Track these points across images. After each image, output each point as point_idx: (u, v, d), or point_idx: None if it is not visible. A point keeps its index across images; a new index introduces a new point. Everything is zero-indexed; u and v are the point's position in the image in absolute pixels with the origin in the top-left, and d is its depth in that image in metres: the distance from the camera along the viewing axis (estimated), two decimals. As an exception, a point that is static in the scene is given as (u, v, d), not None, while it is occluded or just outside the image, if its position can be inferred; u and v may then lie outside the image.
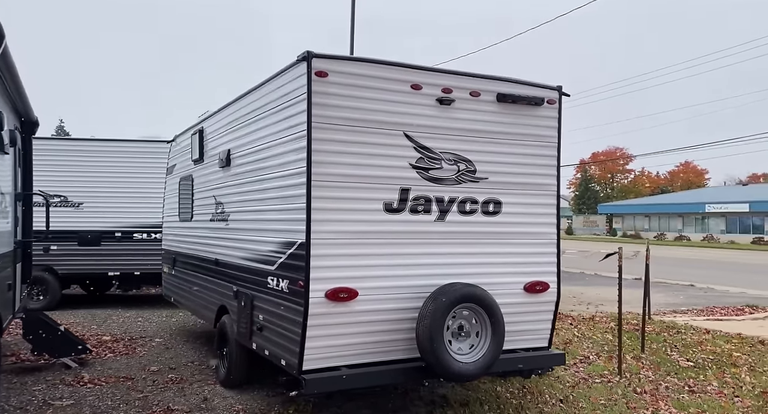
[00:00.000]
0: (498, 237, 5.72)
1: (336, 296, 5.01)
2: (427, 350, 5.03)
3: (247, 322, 6.07)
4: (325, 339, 5.03)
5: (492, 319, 5.31)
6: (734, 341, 9.20)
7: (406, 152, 5.33)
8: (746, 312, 12.88)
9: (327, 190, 4.99)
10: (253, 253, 6.07)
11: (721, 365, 7.81)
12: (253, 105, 6.12)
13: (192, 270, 8.32)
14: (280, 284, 5.41)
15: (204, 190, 7.83)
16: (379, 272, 5.22)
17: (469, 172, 5.58)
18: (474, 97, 5.57)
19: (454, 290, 5.18)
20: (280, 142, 5.37)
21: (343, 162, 5.07)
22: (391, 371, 5.24)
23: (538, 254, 5.90)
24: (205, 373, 7.39)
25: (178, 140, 9.43)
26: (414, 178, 5.37)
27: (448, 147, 5.49)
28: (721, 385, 6.94)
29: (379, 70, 5.20)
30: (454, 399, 6.26)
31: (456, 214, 5.54)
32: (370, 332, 5.21)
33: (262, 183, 5.83)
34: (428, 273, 5.38)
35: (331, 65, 5.01)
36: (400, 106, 5.29)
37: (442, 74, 5.47)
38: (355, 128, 5.10)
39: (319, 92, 4.95)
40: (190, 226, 8.49)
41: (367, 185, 5.17)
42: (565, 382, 6.90)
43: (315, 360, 5.03)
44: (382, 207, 5.25)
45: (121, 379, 7.12)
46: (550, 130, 5.94)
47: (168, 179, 9.94)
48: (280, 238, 5.45)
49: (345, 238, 5.09)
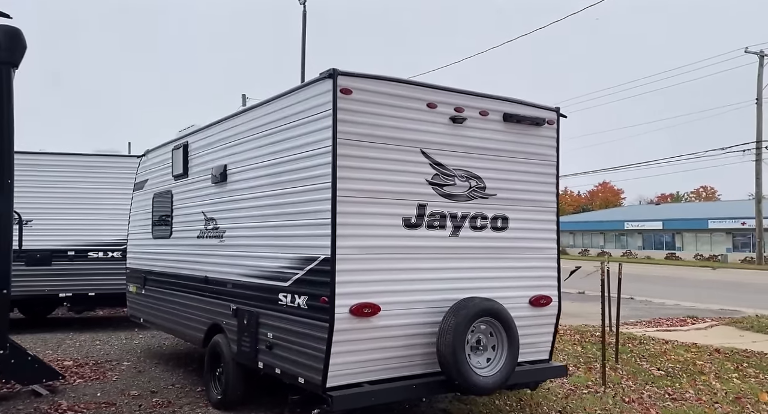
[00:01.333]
0: (506, 252, 5.89)
1: (360, 312, 5.01)
2: (449, 364, 5.09)
3: (251, 341, 5.95)
4: (348, 355, 5.01)
5: (508, 333, 5.44)
6: (693, 350, 9.73)
7: (422, 169, 5.43)
8: (689, 323, 13.61)
9: (351, 205, 5.02)
10: (257, 270, 5.98)
11: (690, 373, 8.25)
12: (258, 120, 6.07)
13: (170, 289, 8.05)
14: (296, 300, 5.35)
15: (188, 206, 7.63)
16: (400, 287, 5.26)
17: (479, 188, 5.74)
18: (483, 117, 5.75)
19: (474, 305, 5.28)
20: (300, 157, 5.34)
21: (366, 178, 5.11)
22: (412, 386, 5.27)
23: (541, 268, 6.10)
24: (191, 396, 7.14)
25: (150, 155, 9.15)
26: (430, 194, 5.47)
27: (460, 164, 5.63)
28: (697, 393, 7.33)
29: (398, 88, 5.29)
30: (458, 412, 6.33)
31: (468, 230, 5.67)
32: (391, 347, 5.23)
33: (272, 198, 5.76)
34: (445, 287, 5.47)
35: (355, 83, 5.06)
36: (417, 123, 5.39)
37: (455, 94, 5.62)
38: (376, 145, 5.16)
39: (345, 109, 4.99)
40: (169, 244, 8.23)
41: (387, 201, 5.23)
42: (556, 393, 7.10)
43: (339, 376, 5.00)
44: (402, 222, 5.31)
45: (103, 405, 6.78)
46: (550, 149, 6.18)
47: (137, 195, 9.60)
48: (295, 253, 5.40)
49: (367, 253, 5.11)
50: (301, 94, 5.37)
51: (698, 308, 16.37)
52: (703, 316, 14.64)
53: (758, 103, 42.52)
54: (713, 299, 18.73)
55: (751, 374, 8.29)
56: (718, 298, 18.96)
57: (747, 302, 17.78)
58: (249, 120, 6.28)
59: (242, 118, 6.43)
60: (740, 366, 8.74)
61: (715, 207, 64.14)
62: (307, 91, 5.30)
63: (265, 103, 6.00)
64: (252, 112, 6.24)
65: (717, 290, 22.39)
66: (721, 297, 19.51)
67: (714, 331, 12.31)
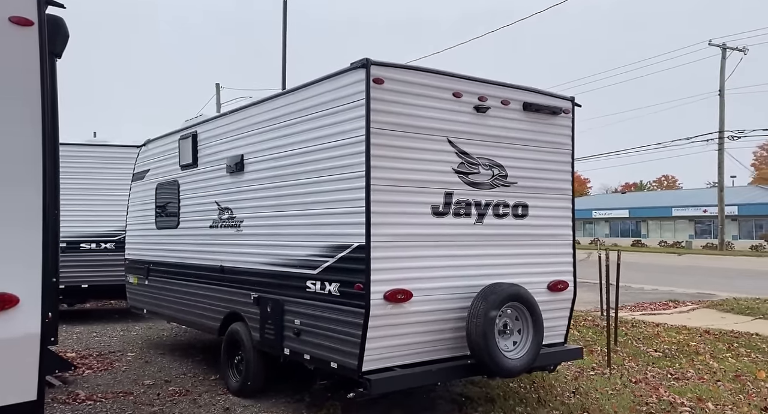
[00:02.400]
0: (526, 239, 6.05)
1: (394, 297, 5.12)
2: (480, 348, 5.24)
3: (276, 328, 6.01)
4: (382, 340, 5.12)
5: (533, 317, 5.62)
6: (684, 332, 10.10)
7: (449, 157, 5.54)
8: (671, 306, 14.06)
9: (384, 194, 5.11)
10: (282, 259, 6.03)
11: (686, 354, 8.58)
12: (281, 110, 6.09)
13: (180, 279, 8.03)
14: (327, 288, 5.43)
15: (199, 196, 7.61)
16: (430, 274, 5.38)
17: (501, 176, 5.88)
18: (504, 106, 5.88)
19: (502, 290, 5.43)
20: (331, 146, 5.40)
21: (397, 167, 5.21)
22: (442, 369, 5.41)
23: (558, 255, 6.28)
24: (207, 384, 7.17)
25: (151, 145, 9.07)
26: (456, 183, 5.58)
27: (484, 153, 5.76)
28: (697, 372, 7.65)
29: (426, 77, 5.39)
30: (476, 396, 6.50)
31: (491, 217, 5.81)
32: (422, 332, 5.36)
33: (298, 187, 5.81)
34: (471, 274, 5.61)
35: (387, 72, 5.14)
36: (444, 113, 5.50)
37: (479, 83, 5.74)
38: (406, 134, 5.25)
39: (377, 99, 5.07)
40: (176, 234, 8.20)
41: (417, 189, 5.33)
42: (565, 376, 7.33)
43: (373, 361, 5.11)
44: (430, 210, 5.42)
45: (120, 395, 6.78)
46: (565, 137, 6.35)
47: (136, 185, 9.51)
48: (325, 241, 5.47)
49: (399, 240, 5.22)
50: (332, 83, 5.42)
51: (676, 292, 16.88)
52: (682, 299, 15.12)
53: (721, 94, 43.63)
54: (687, 284, 19.32)
55: (743, 353, 8.66)
56: (691, 283, 19.56)
57: (719, 286, 18.40)
58: (269, 110, 6.29)
59: (261, 108, 6.44)
60: (731, 346, 9.11)
61: (679, 195, 65.75)
62: (338, 81, 5.35)
63: (288, 92, 6.03)
64: (273, 101, 6.25)
65: (687, 275, 23.07)
66: (693, 282, 20.13)
67: (696, 314, 12.75)
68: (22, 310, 3.55)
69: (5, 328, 3.50)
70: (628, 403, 6.26)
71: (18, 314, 3.55)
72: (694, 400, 6.41)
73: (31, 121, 3.68)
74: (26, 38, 3.72)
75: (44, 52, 3.79)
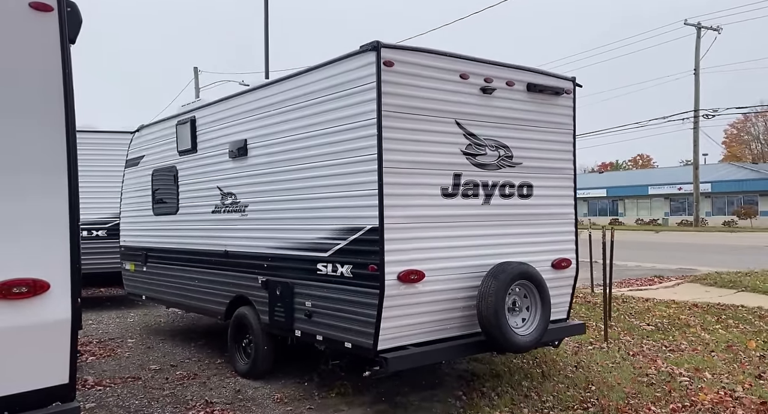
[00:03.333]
0: (531, 218, 6.16)
1: (407, 278, 5.21)
2: (492, 325, 5.36)
3: (286, 311, 6.07)
4: (396, 319, 5.22)
5: (541, 294, 5.75)
6: (673, 306, 10.37)
7: (457, 139, 5.61)
8: (656, 282, 14.39)
9: (395, 176, 5.17)
10: (291, 242, 6.08)
11: (678, 327, 8.84)
12: (287, 94, 6.09)
13: (180, 264, 8.04)
14: (339, 270, 5.50)
15: (199, 181, 7.59)
16: (440, 254, 5.48)
17: (507, 157, 5.97)
18: (509, 87, 5.96)
19: (512, 268, 5.55)
20: (341, 130, 5.43)
21: (408, 149, 5.27)
22: (454, 347, 5.54)
23: (561, 233, 6.42)
24: (213, 368, 7.23)
25: (146, 131, 9.00)
26: (464, 164, 5.66)
27: (490, 134, 5.84)
28: (690, 344, 7.89)
29: (434, 59, 5.43)
30: (482, 372, 6.65)
31: (498, 198, 5.91)
32: (434, 311, 5.46)
33: (307, 171, 5.84)
34: (480, 253, 5.71)
35: (397, 55, 5.18)
36: (451, 94, 5.56)
37: (485, 64, 5.80)
38: (416, 116, 5.31)
39: (388, 81, 5.11)
40: (175, 220, 8.18)
41: (426, 171, 5.40)
42: (565, 350, 7.51)
43: (388, 340, 5.21)
44: (440, 192, 5.50)
45: (129, 380, 6.81)
46: (567, 118, 6.46)
47: (130, 171, 9.44)
48: (336, 224, 5.53)
49: (411, 222, 5.30)
50: (341, 66, 5.44)
51: (659, 268, 17.27)
52: (666, 275, 15.47)
53: (696, 73, 44.24)
54: (668, 260, 19.75)
55: (731, 325, 8.94)
56: (671, 259, 20.00)
57: (698, 261, 18.86)
58: (275, 94, 6.28)
59: (266, 92, 6.43)
60: (720, 318, 9.40)
61: (654, 174, 66.78)
62: (347, 64, 5.37)
63: (295, 76, 6.02)
64: (279, 85, 6.24)
65: (667, 251, 23.58)
66: (673, 257, 20.58)
67: (681, 289, 13.08)
68: (52, 296, 3.58)
69: (37, 314, 3.53)
70: (629, 374, 6.46)
71: (49, 300, 3.57)
72: (692, 370, 6.63)
73: (55, 109, 3.67)
74: (46, 24, 3.70)
75: (64, 38, 3.78)
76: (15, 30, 3.54)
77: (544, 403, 5.66)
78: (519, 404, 5.62)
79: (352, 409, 5.77)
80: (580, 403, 5.59)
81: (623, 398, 5.69)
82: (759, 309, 9.87)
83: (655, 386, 6.06)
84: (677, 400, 5.64)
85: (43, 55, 3.66)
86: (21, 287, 3.46)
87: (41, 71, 3.64)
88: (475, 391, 6.07)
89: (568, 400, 5.69)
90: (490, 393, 5.98)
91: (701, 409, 5.38)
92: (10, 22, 3.53)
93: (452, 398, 5.93)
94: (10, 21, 3.53)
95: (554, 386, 6.11)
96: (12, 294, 3.43)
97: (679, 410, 5.38)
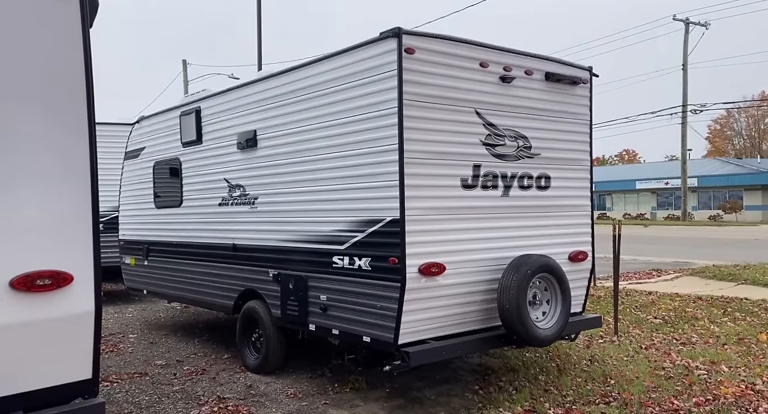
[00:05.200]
0: (549, 210, 6.07)
1: (428, 271, 5.10)
2: (514, 319, 5.26)
3: (300, 304, 5.94)
4: (417, 313, 5.11)
5: (562, 287, 5.67)
6: (678, 300, 10.36)
7: (477, 129, 5.50)
8: (655, 275, 14.40)
9: (416, 167, 5.05)
10: (304, 235, 5.94)
11: (686, 320, 8.81)
12: (300, 83, 5.94)
13: (185, 258, 7.86)
14: (356, 263, 5.38)
15: (205, 173, 7.43)
16: (461, 246, 5.37)
17: (525, 148, 5.87)
18: (528, 76, 5.85)
19: (533, 261, 5.45)
20: (360, 119, 5.30)
21: (428, 139, 5.15)
22: (474, 341, 5.44)
23: (578, 225, 6.34)
24: (221, 363, 7.09)
25: (146, 122, 8.79)
26: (484, 155, 5.55)
27: (509, 124, 5.73)
28: (700, 336, 7.86)
29: (455, 47, 5.31)
30: (496, 367, 6.57)
31: (517, 189, 5.81)
32: (454, 304, 5.36)
33: (321, 162, 5.70)
34: (500, 246, 5.62)
35: (418, 42, 5.05)
36: (471, 83, 5.44)
37: (504, 53, 5.68)
38: (436, 105, 5.19)
39: (409, 69, 4.99)
40: (179, 213, 8.01)
41: (447, 162, 5.29)
42: (577, 344, 7.45)
43: (409, 334, 5.10)
44: (460, 183, 5.39)
45: (136, 376, 6.65)
46: (584, 108, 6.37)
47: (130, 164, 9.23)
48: (353, 216, 5.40)
49: (432, 213, 5.18)
50: (360, 53, 5.30)
51: (655, 262, 17.30)
52: (664, 268, 15.50)
53: (684, 68, 44.46)
54: (662, 253, 19.81)
55: (739, 317, 8.93)
56: (665, 252, 20.06)
57: (691, 254, 18.95)
58: (287, 83, 6.12)
59: (277, 82, 6.27)
60: (726, 311, 9.39)
61: (641, 169, 67.10)
62: (367, 51, 5.23)
63: (310, 64, 5.87)
64: (291, 74, 6.08)
65: (659, 245, 23.66)
66: (666, 251, 20.66)
67: (681, 282, 13.09)
68: (76, 289, 3.44)
69: (61, 307, 3.39)
70: (645, 368, 6.40)
71: (73, 293, 3.43)
72: (707, 363, 6.59)
73: (78, 100, 3.51)
74: (68, 9, 3.53)
75: (86, 24, 3.62)
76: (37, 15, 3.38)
77: (565, 397, 5.58)
78: (539, 399, 5.54)
79: (368, 404, 5.66)
80: (602, 397, 5.52)
81: (644, 392, 5.63)
82: (763, 301, 9.88)
83: (674, 379, 6.01)
84: (699, 393, 5.58)
85: (66, 42, 3.50)
86: (44, 279, 3.31)
87: (64, 59, 3.48)
88: (492, 385, 5.99)
89: (588, 394, 5.62)
90: (508, 387, 5.90)
91: (725, 403, 5.32)
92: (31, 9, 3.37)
93: (469, 393, 5.84)
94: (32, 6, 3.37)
95: (572, 380, 6.04)
96: (35, 286, 3.29)
97: (702, 404, 5.32)
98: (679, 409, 5.21)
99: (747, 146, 76.51)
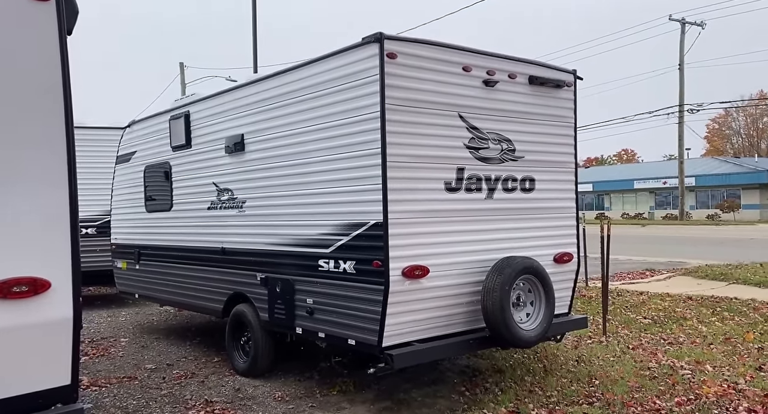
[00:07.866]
0: (533, 212, 6.11)
1: (412, 274, 5.14)
2: (498, 321, 5.30)
3: (287, 308, 5.98)
4: (401, 316, 5.15)
5: (546, 289, 5.71)
6: (668, 299, 10.40)
7: (460, 133, 5.54)
8: (648, 275, 14.44)
9: (399, 170, 5.10)
10: (291, 239, 5.98)
11: (675, 320, 8.86)
12: (285, 88, 5.99)
13: (175, 262, 7.91)
14: (341, 266, 5.42)
15: (193, 177, 7.47)
16: (445, 249, 5.41)
17: (509, 151, 5.91)
18: (511, 80, 5.89)
19: (517, 263, 5.49)
20: (343, 123, 5.34)
21: (411, 143, 5.19)
22: (459, 343, 5.48)
23: (563, 227, 6.38)
24: (211, 367, 7.12)
25: (137, 126, 8.84)
26: (467, 158, 5.60)
27: (492, 127, 5.77)
28: (688, 336, 7.90)
29: (437, 52, 5.35)
30: (483, 368, 6.60)
31: (501, 192, 5.85)
32: (438, 307, 5.40)
33: (307, 166, 5.75)
34: (484, 248, 5.66)
35: (399, 47, 5.10)
36: (454, 87, 5.48)
37: (487, 57, 5.72)
38: (419, 109, 5.23)
39: (391, 74, 5.03)
40: (169, 217, 8.05)
41: (430, 165, 5.33)
42: (565, 345, 7.49)
43: (393, 336, 5.14)
44: (444, 186, 5.43)
45: (125, 380, 6.68)
46: (568, 111, 6.41)
47: (121, 168, 9.27)
48: (338, 220, 5.44)
49: (415, 217, 5.22)
50: (343, 58, 5.34)
51: (649, 261, 17.35)
52: (657, 268, 15.54)
53: (681, 68, 44.55)
54: (657, 253, 19.85)
55: (727, 317, 8.98)
56: (660, 252, 20.11)
57: (687, 254, 18.97)
58: (272, 87, 6.17)
59: (263, 86, 6.31)
60: (715, 310, 9.43)
61: (639, 168, 67.16)
62: (349, 56, 5.28)
63: (294, 69, 5.91)
64: (276, 78, 6.13)
65: (655, 245, 23.73)
66: (663, 250, 20.71)
67: (673, 282, 13.13)
68: (54, 295, 3.47)
69: (39, 313, 3.42)
70: (631, 368, 6.45)
71: (50, 299, 3.46)
72: (692, 363, 6.63)
73: (55, 103, 3.54)
74: (44, 14, 3.57)
75: (63, 29, 3.65)
76: (13, 20, 3.42)
77: (549, 398, 5.62)
78: (523, 399, 5.58)
79: (355, 406, 5.69)
80: (585, 398, 5.56)
81: (627, 392, 5.67)
82: (752, 301, 9.93)
83: (658, 379, 6.05)
84: (681, 393, 5.62)
85: (41, 48, 3.54)
86: (21, 286, 3.34)
87: (40, 63, 3.52)
88: (478, 386, 6.03)
89: (572, 394, 5.66)
90: (494, 388, 5.94)
91: (706, 402, 5.36)
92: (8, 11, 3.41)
93: (455, 394, 5.88)
94: (8, 10, 3.41)
95: (557, 381, 6.07)
96: (12, 293, 3.32)
97: (684, 403, 5.36)
98: (660, 408, 5.25)
99: (745, 145, 76.59)
